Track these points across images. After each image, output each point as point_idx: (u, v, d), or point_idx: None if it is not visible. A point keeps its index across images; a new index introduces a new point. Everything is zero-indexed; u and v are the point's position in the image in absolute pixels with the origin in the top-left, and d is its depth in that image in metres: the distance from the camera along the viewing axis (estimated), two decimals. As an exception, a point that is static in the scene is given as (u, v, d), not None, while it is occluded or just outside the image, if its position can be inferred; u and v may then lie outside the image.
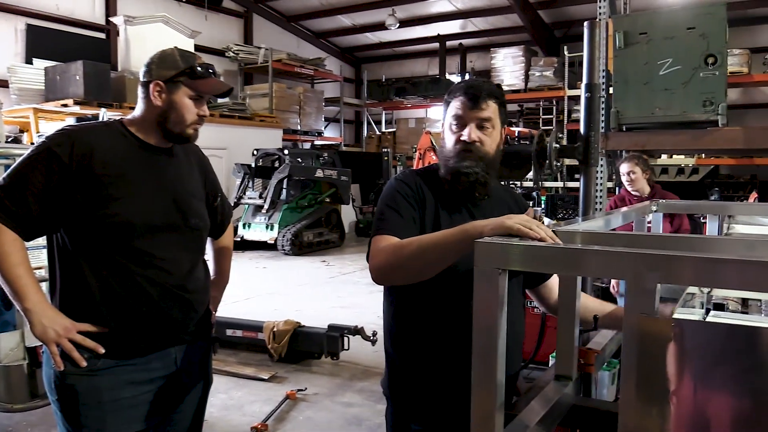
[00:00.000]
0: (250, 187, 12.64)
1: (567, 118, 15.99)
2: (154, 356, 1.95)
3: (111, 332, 1.87)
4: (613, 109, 4.33)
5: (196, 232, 2.07)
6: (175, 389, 2.03)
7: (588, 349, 1.86)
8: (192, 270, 2.04)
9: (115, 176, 1.86)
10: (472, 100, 1.79)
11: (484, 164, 1.81)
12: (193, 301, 2.02)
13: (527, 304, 4.15)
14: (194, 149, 2.20)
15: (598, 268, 1.23)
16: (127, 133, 1.96)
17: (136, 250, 1.88)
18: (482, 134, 1.81)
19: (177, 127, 1.95)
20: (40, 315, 1.82)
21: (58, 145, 1.83)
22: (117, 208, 1.84)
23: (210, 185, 2.21)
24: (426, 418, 1.87)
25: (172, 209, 1.97)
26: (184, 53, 1.97)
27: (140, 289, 1.89)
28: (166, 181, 1.99)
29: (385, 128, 21.82)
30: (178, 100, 1.92)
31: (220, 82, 2.01)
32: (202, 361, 2.14)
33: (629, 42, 4.24)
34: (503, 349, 1.22)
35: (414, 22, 18.98)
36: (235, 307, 7.37)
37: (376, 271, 1.71)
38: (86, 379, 1.86)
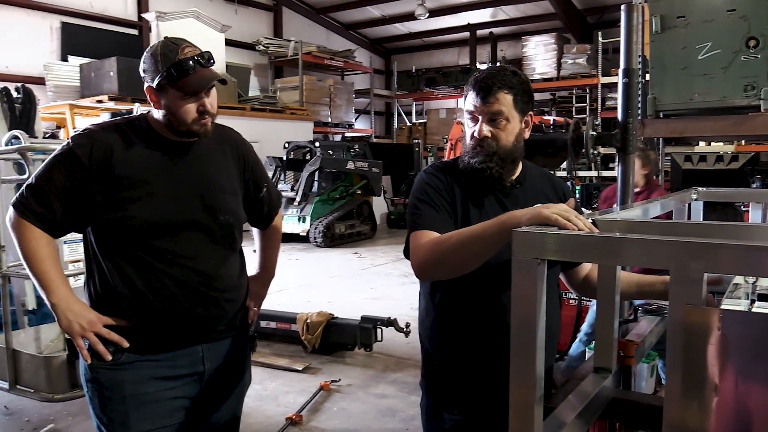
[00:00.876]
0: (282, 179, 12.72)
1: (601, 106, 15.73)
2: (179, 353, 1.93)
3: (134, 327, 1.87)
4: (650, 96, 4.24)
5: (227, 228, 2.01)
6: (205, 387, 1.99)
7: (628, 341, 1.82)
8: (221, 267, 1.99)
9: (134, 177, 1.84)
10: (481, 94, 1.75)
11: (498, 158, 1.76)
12: (220, 300, 1.98)
13: (563, 295, 4.10)
14: (233, 139, 2.14)
15: (639, 257, 1.19)
16: (149, 130, 1.93)
17: (158, 248, 1.86)
18: (494, 128, 1.76)
19: (182, 127, 1.88)
20: (66, 309, 1.84)
21: (79, 146, 1.84)
22: (134, 211, 1.82)
23: (251, 176, 2.14)
24: (462, 409, 1.85)
25: (198, 206, 1.92)
26: (165, 50, 1.83)
27: (162, 286, 1.87)
28: (191, 177, 1.94)
29: (415, 119, 21.77)
30: (170, 104, 1.85)
31: (205, 75, 1.85)
32: (235, 359, 2.08)
33: (666, 26, 4.14)
34: (542, 341, 1.19)
35: (444, 12, 18.86)
36: (269, 298, 7.40)
37: (419, 268, 1.69)
38: (110, 373, 1.87)
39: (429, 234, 1.70)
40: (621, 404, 1.72)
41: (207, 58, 1.87)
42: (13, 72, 12.22)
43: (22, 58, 12.55)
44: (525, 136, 1.84)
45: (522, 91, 1.78)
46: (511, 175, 1.85)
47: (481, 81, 1.76)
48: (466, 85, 1.82)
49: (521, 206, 1.70)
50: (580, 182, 10.78)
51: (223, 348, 2.02)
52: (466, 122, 1.83)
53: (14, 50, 12.51)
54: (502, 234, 1.45)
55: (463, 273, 1.64)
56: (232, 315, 2.03)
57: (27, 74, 12.10)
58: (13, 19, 12.60)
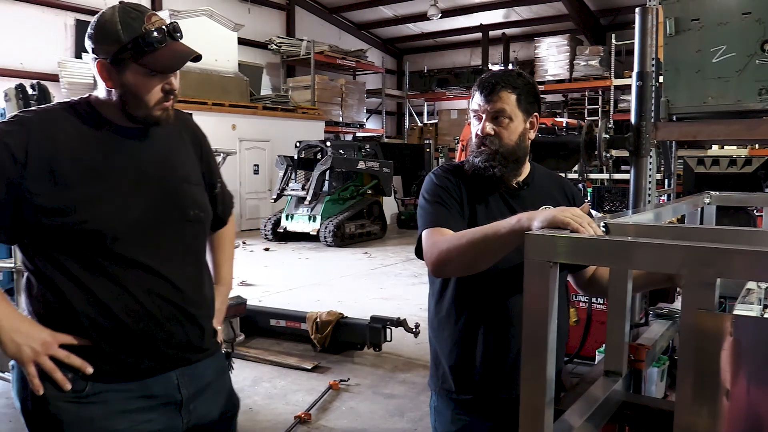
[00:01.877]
0: (293, 178, 12.74)
1: (613, 108, 15.67)
2: (151, 381, 1.60)
3: (98, 349, 1.52)
4: (663, 99, 4.21)
5: (198, 226, 1.71)
6: (187, 418, 1.67)
7: (639, 345, 1.81)
8: (196, 276, 1.70)
9: (84, 171, 1.51)
10: (484, 93, 1.78)
11: (500, 156, 1.78)
12: (198, 316, 1.68)
13: (573, 298, 4.09)
14: (190, 124, 1.81)
15: (651, 261, 1.19)
16: (96, 115, 1.58)
17: (123, 257, 1.53)
18: (497, 126, 1.78)
19: (139, 110, 1.55)
20: (11, 330, 1.46)
21: (10, 135, 1.47)
22: (89, 213, 1.49)
23: (208, 170, 1.82)
24: (472, 410, 1.86)
25: (164, 201, 1.61)
26: (126, 16, 1.49)
27: (134, 302, 1.54)
28: (152, 168, 1.62)
29: (427, 119, 21.77)
30: (129, 81, 1.51)
31: (178, 50, 1.54)
32: (216, 383, 1.77)
33: (680, 29, 4.11)
34: (554, 343, 1.19)
35: (456, 12, 18.84)
36: (279, 297, 7.47)
37: (433, 265, 1.70)
38: (73, 408, 1.51)
39: (442, 231, 1.71)
40: (631, 408, 1.71)
41: (176, 29, 1.55)
42: (27, 69, 12.34)
43: (37, 55, 12.67)
44: (530, 136, 1.86)
45: (526, 91, 1.80)
46: (516, 175, 1.86)
47: (485, 81, 1.80)
48: (472, 88, 1.84)
49: (529, 207, 1.72)
50: (592, 185, 10.74)
51: (199, 372, 1.70)
52: (472, 122, 1.85)
53: (29, 47, 12.64)
54: (514, 235, 1.45)
55: (476, 271, 1.66)
56: (208, 333, 1.73)
57: (41, 71, 12.21)
58: (28, 17, 12.72)
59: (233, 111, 13.95)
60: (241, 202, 14.20)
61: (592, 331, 4.07)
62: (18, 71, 12.14)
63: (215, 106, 13.33)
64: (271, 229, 12.46)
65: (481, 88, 1.79)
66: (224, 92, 13.91)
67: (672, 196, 5.55)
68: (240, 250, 11.25)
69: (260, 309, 6.05)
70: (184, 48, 1.56)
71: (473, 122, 1.84)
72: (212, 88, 13.51)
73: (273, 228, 12.46)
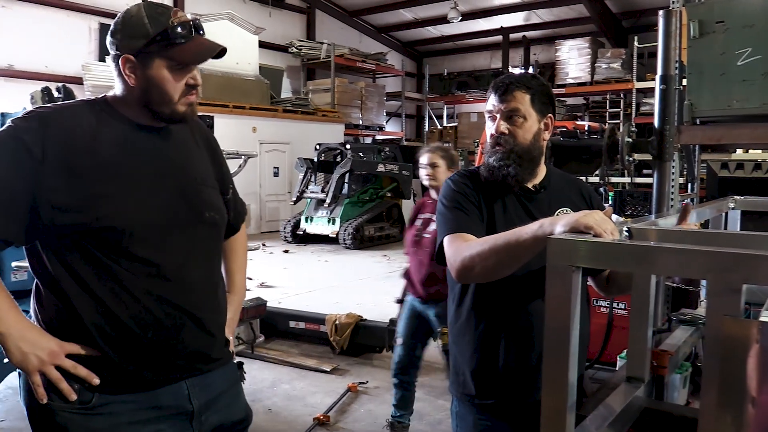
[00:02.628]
0: (313, 181, 12.80)
1: (635, 111, 15.52)
2: (161, 391, 1.57)
3: (105, 361, 1.50)
4: (687, 102, 4.16)
5: (213, 229, 1.69)
6: (196, 429, 1.65)
7: (662, 351, 1.80)
8: (209, 281, 1.66)
9: (102, 168, 1.49)
10: (498, 93, 1.80)
11: (515, 155, 1.79)
12: (211, 324, 1.64)
13: (593, 303, 4.06)
14: (204, 129, 1.81)
15: (675, 266, 1.18)
16: (113, 113, 1.57)
17: (136, 257, 1.50)
18: (511, 126, 1.79)
19: (164, 106, 1.55)
20: (19, 338, 1.44)
21: (27, 131, 1.45)
22: (106, 209, 1.46)
23: (221, 176, 1.80)
24: (493, 414, 1.85)
25: (179, 202, 1.59)
26: (153, 11, 1.51)
27: (144, 309, 1.51)
28: (169, 168, 1.61)
29: (446, 122, 21.73)
30: (155, 74, 1.51)
31: (205, 44, 1.56)
32: (229, 393, 1.74)
33: (705, 31, 4.06)
34: (575, 348, 1.18)
35: (476, 15, 18.81)
36: (298, 299, 7.49)
37: (458, 272, 1.68)
38: (80, 419, 1.48)
39: (464, 237, 1.71)
40: (653, 415, 1.70)
41: (201, 26, 1.57)
42: (52, 72, 12.54)
43: (61, 59, 12.87)
44: (545, 137, 1.86)
45: (540, 92, 1.82)
46: (531, 177, 1.86)
47: (499, 81, 1.82)
48: (488, 90, 1.86)
49: (545, 211, 1.73)
50: (613, 188, 10.64)
51: (210, 382, 1.67)
52: (487, 123, 1.86)
53: (53, 50, 12.85)
54: (537, 241, 1.45)
55: (499, 277, 1.65)
56: (220, 342, 1.70)
57: (65, 74, 12.41)
58: (53, 20, 12.94)
59: (254, 114, 14.05)
60: (261, 204, 14.29)
61: (612, 336, 4.02)
62: (43, 74, 12.34)
63: (236, 108, 13.44)
64: (291, 231, 12.52)
65: (495, 88, 1.81)
66: (245, 95, 14.01)
67: (695, 201, 5.47)
68: (260, 251, 11.32)
69: (279, 311, 6.07)
70: (209, 42, 1.57)
71: (488, 123, 1.85)
72: (233, 91, 13.63)
73: (292, 230, 12.52)
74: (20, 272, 3.83)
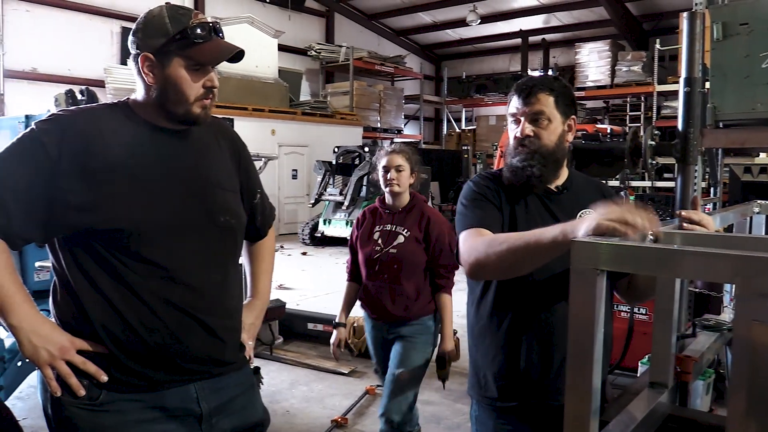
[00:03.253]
0: (331, 183, 12.83)
1: (656, 114, 15.36)
2: (168, 392, 1.58)
3: (114, 360, 1.52)
4: (710, 105, 4.11)
5: (228, 233, 1.67)
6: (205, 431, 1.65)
7: (686, 357, 1.77)
8: (222, 285, 1.65)
9: (116, 170, 1.51)
10: (522, 96, 1.80)
11: (540, 156, 1.78)
12: (221, 329, 1.63)
13: (614, 308, 4.02)
14: (229, 133, 1.82)
15: (701, 270, 1.17)
16: (133, 116, 1.60)
17: (145, 260, 1.52)
18: (536, 128, 1.79)
19: (179, 107, 1.56)
20: (30, 332, 1.47)
21: (46, 133, 1.50)
22: (114, 211, 1.49)
23: (246, 179, 1.80)
24: (514, 418, 1.84)
25: (193, 205, 1.60)
26: (174, 12, 1.54)
27: (152, 313, 1.53)
28: (184, 171, 1.62)
29: (464, 125, 21.69)
30: (173, 74, 1.53)
31: (222, 45, 1.57)
32: (242, 398, 1.73)
33: (728, 33, 4.01)
34: (600, 353, 1.17)
35: (495, 18, 18.76)
36: (316, 301, 7.51)
37: (471, 267, 1.66)
38: (88, 415, 1.51)
39: (480, 231, 1.70)
40: (677, 421, 1.67)
41: (220, 28, 1.60)
42: (74, 75, 12.72)
43: (84, 62, 13.06)
44: (568, 139, 1.87)
45: (563, 94, 1.82)
46: (554, 178, 1.86)
47: (522, 84, 1.82)
48: (509, 94, 1.86)
49: (568, 212, 1.73)
50: (634, 192, 10.55)
51: (221, 386, 1.67)
52: (510, 127, 1.86)
53: (76, 54, 13.04)
54: (557, 245, 1.42)
55: (512, 276, 1.65)
56: (231, 347, 1.69)
57: (88, 77, 12.56)
58: (75, 24, 13.13)
59: (273, 116, 14.13)
60: (280, 206, 14.36)
61: (633, 341, 3.97)
62: (66, 77, 12.52)
63: (255, 111, 13.52)
64: (309, 233, 12.56)
65: (519, 91, 1.81)
66: (264, 98, 14.10)
67: (718, 205, 5.40)
68: (278, 254, 11.36)
69: (298, 313, 6.09)
70: (227, 43, 1.59)
71: (511, 126, 1.85)
72: (252, 94, 13.72)
73: (311, 232, 12.56)
74: (43, 272, 3.88)
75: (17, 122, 3.79)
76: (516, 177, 1.81)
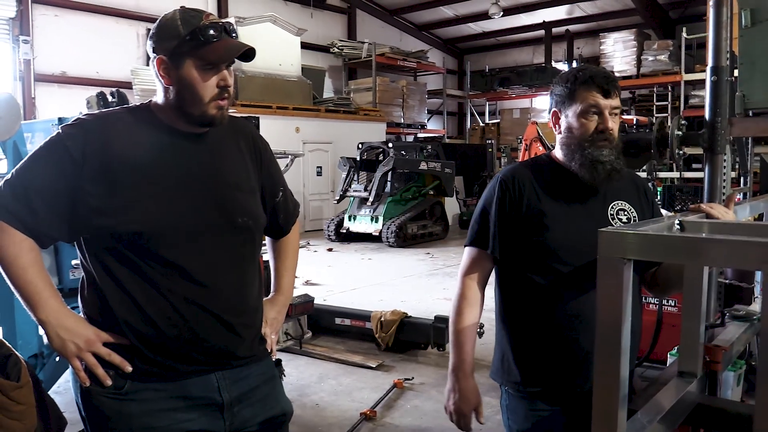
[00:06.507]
0: (356, 180, 12.88)
1: (684, 104, 15.12)
2: (190, 381, 1.64)
3: (137, 351, 1.59)
4: (738, 93, 4.05)
5: (246, 234, 1.72)
6: (231, 422, 1.70)
7: (715, 346, 1.77)
8: (239, 283, 1.70)
9: (137, 173, 1.57)
10: (606, 90, 1.80)
11: (616, 151, 1.83)
12: (238, 326, 1.68)
13: (643, 299, 3.98)
14: (248, 131, 1.84)
15: (728, 258, 1.17)
16: (153, 119, 1.65)
17: (165, 260, 1.58)
18: (615, 122, 1.83)
19: (195, 108, 1.60)
20: (58, 326, 1.55)
21: (70, 137, 1.57)
22: (134, 213, 1.55)
23: (268, 176, 1.84)
24: (545, 402, 1.86)
25: (211, 207, 1.64)
26: (186, 15, 1.58)
27: (172, 310, 1.59)
28: (203, 173, 1.66)
29: (488, 119, 21.57)
30: (186, 74, 1.57)
31: (232, 43, 1.60)
32: (263, 388, 1.77)
33: (757, 20, 3.94)
34: (627, 342, 1.18)
35: (518, 10, 18.62)
36: (343, 296, 7.57)
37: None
38: (115, 404, 1.59)
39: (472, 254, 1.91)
40: (706, 410, 1.67)
41: (232, 29, 1.63)
42: (102, 77, 12.93)
43: (111, 64, 13.26)
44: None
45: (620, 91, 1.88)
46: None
47: (604, 77, 1.82)
48: (571, 82, 1.83)
49: (602, 201, 1.84)
50: (662, 183, 10.42)
51: (242, 376, 1.72)
52: (582, 117, 1.82)
53: (104, 56, 13.25)
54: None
55: None
56: (250, 341, 1.74)
57: (115, 79, 12.77)
58: (103, 27, 13.35)
59: (297, 114, 14.21)
60: (305, 203, 14.45)
61: (662, 333, 3.94)
62: (94, 80, 12.73)
63: (279, 109, 13.62)
64: (334, 229, 12.63)
65: (601, 84, 1.80)
66: (288, 96, 14.19)
67: (748, 195, 5.33)
68: (304, 250, 11.45)
69: (325, 308, 6.15)
70: (236, 41, 1.62)
71: (588, 117, 1.81)
72: (276, 92, 13.81)
73: (336, 229, 12.63)
74: (78, 270, 3.97)
75: (51, 125, 3.88)
76: (595, 171, 1.80)
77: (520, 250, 1.85)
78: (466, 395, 1.91)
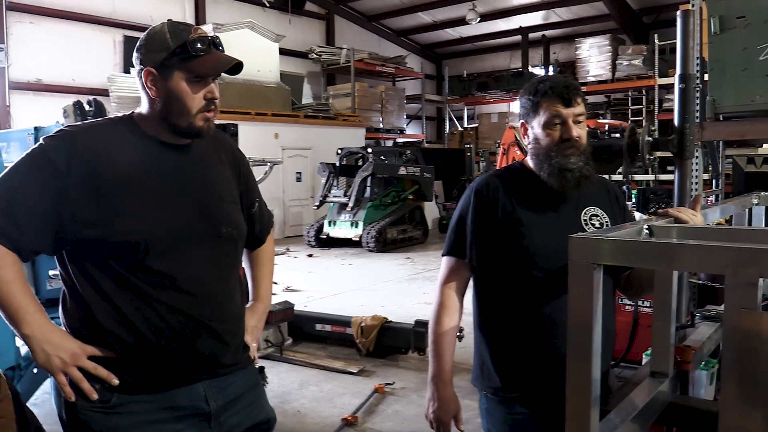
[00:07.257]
0: (335, 185, 12.88)
1: (658, 108, 15.37)
2: (177, 391, 1.65)
3: (123, 364, 1.58)
4: (709, 98, 4.13)
5: (230, 243, 1.75)
6: (215, 429, 1.71)
7: (685, 347, 1.81)
8: (225, 292, 1.72)
9: (124, 184, 1.57)
10: (566, 99, 1.83)
11: (584, 157, 1.86)
12: (224, 333, 1.70)
13: (618, 302, 4.05)
14: (228, 145, 1.88)
15: (695, 262, 1.21)
16: (137, 131, 1.66)
17: (152, 270, 1.58)
18: (580, 129, 1.86)
19: (182, 119, 1.61)
20: (42, 341, 1.53)
21: (55, 149, 1.56)
22: (125, 224, 1.55)
23: (245, 188, 1.87)
24: (522, 406, 1.90)
25: (197, 217, 1.66)
26: (175, 28, 1.60)
27: (159, 318, 1.59)
28: (188, 184, 1.68)
29: (467, 124, 21.71)
30: (174, 86, 1.59)
31: (220, 57, 1.63)
32: (247, 396, 1.80)
33: (726, 27, 4.04)
34: (599, 344, 1.21)
35: (495, 16, 18.78)
36: (323, 302, 7.56)
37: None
38: (101, 417, 1.57)
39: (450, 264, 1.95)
40: (678, 409, 1.72)
41: (219, 43, 1.65)
42: (78, 84, 12.81)
43: (88, 71, 13.15)
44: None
45: (584, 95, 1.91)
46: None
47: (564, 87, 1.84)
48: (533, 93, 1.87)
49: (573, 209, 1.87)
50: (637, 186, 10.56)
51: (227, 384, 1.74)
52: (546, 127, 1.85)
53: (80, 64, 13.13)
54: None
55: None
56: (234, 349, 1.76)
57: (92, 86, 12.66)
58: (79, 35, 13.21)
59: (276, 120, 14.18)
60: (285, 209, 14.42)
61: (639, 334, 4.00)
62: (70, 87, 12.61)
63: (258, 115, 13.58)
64: (314, 235, 12.62)
65: (561, 94, 1.83)
66: (267, 102, 14.16)
67: (720, 197, 5.43)
68: (284, 256, 11.42)
69: (306, 314, 6.15)
70: (225, 56, 1.65)
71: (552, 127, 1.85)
72: (255, 98, 13.77)
73: (316, 234, 12.62)
74: (55, 281, 3.94)
75: (27, 134, 3.85)
76: (563, 179, 1.84)
77: (497, 258, 1.89)
78: (446, 403, 1.94)
